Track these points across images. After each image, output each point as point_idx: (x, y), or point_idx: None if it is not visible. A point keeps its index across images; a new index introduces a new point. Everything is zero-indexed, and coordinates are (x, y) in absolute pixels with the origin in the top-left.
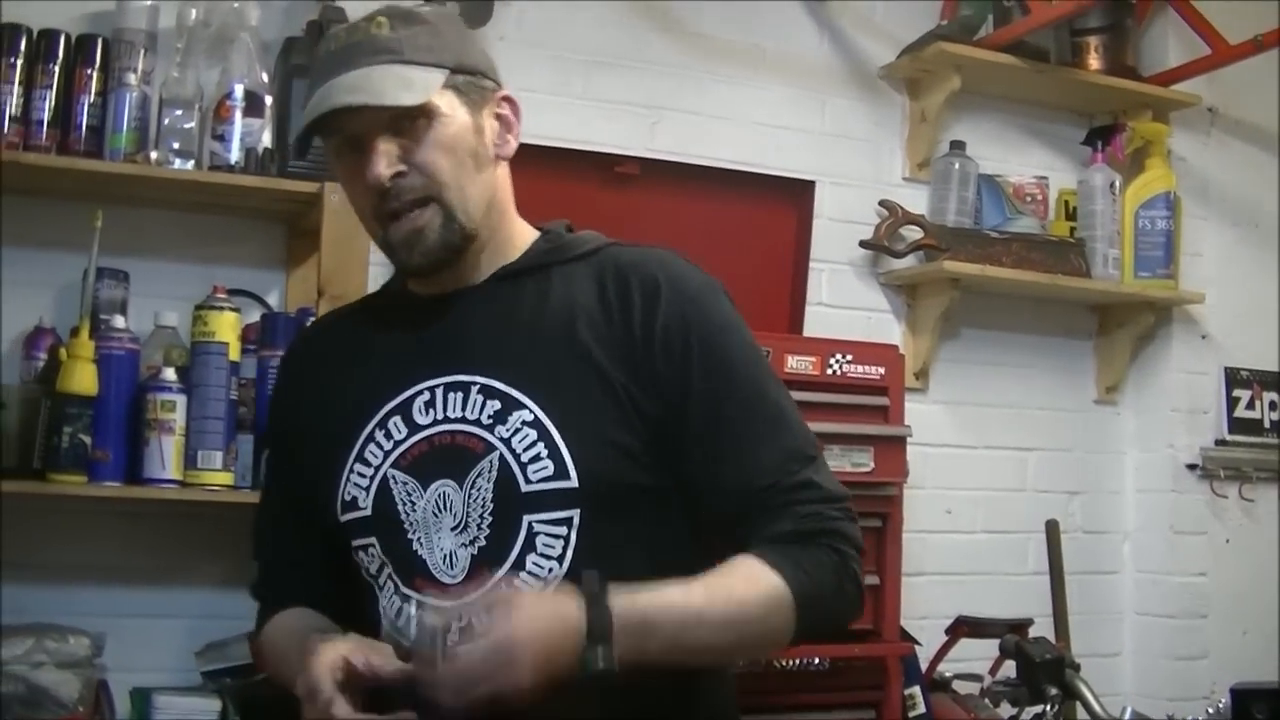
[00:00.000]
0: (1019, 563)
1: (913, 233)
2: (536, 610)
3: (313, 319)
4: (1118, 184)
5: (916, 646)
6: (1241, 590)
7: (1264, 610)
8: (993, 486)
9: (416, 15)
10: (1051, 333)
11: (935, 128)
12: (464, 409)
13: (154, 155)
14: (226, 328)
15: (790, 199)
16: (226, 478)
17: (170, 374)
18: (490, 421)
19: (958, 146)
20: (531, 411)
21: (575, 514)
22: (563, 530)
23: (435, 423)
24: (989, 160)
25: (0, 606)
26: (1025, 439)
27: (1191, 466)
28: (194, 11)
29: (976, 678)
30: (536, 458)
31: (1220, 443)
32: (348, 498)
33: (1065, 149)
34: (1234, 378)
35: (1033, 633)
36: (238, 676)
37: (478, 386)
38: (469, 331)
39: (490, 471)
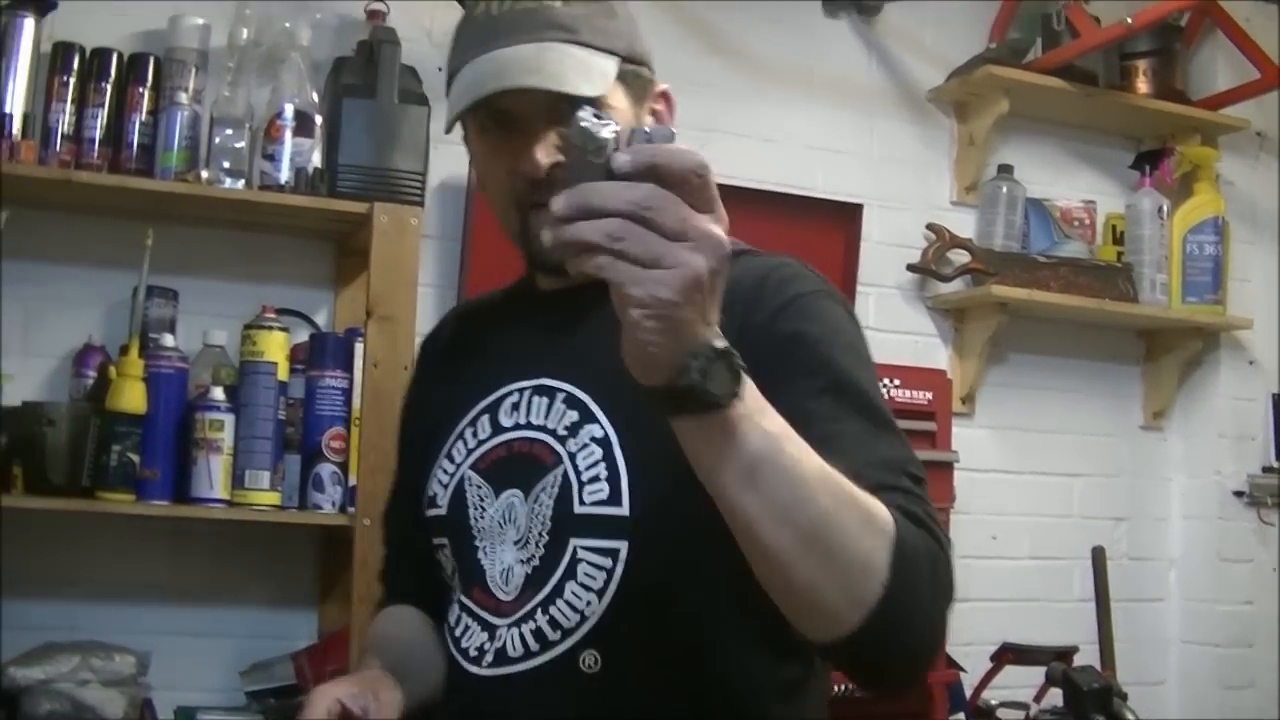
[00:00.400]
0: (1064, 589)
1: (960, 256)
2: None
3: (453, 309)
4: (1166, 208)
5: (961, 673)
6: None
7: None
8: (1038, 512)
9: None
10: (1098, 358)
11: (983, 151)
12: (546, 415)
13: (204, 174)
14: (275, 347)
15: (838, 222)
16: (274, 497)
17: (219, 393)
18: (564, 433)
19: (1006, 170)
20: (602, 427)
21: (623, 546)
22: (607, 562)
23: (517, 426)
24: (1037, 184)
25: (0, 621)
26: (1071, 464)
27: (1238, 493)
28: (245, 31)
29: (1021, 705)
30: (595, 478)
31: (1267, 469)
32: (430, 494)
33: (1113, 173)
34: None
35: (1078, 660)
36: (282, 697)
37: (563, 394)
38: (569, 334)
39: (553, 487)
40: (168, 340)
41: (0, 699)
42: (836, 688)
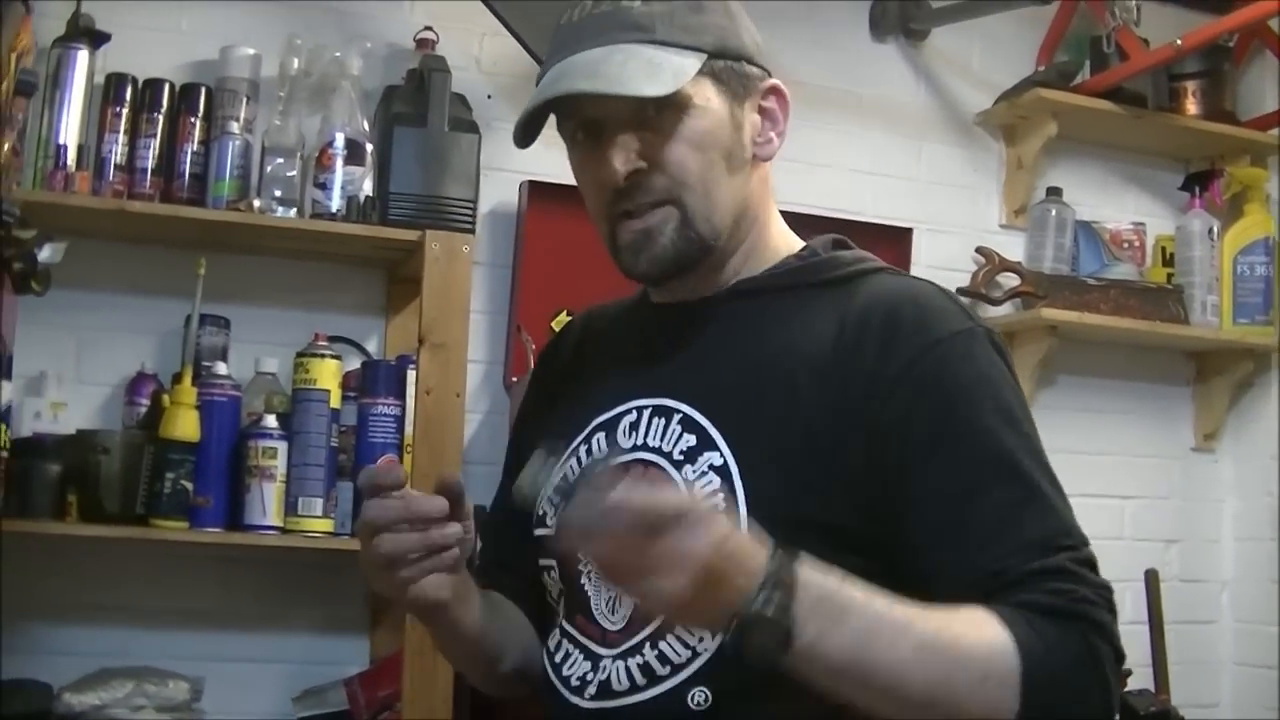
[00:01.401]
0: (1106, 606)
1: (1010, 280)
2: (724, 523)
3: (582, 313)
4: (1216, 230)
5: None
6: None
7: None
8: (1090, 534)
9: None
10: (1149, 380)
11: (1032, 174)
12: (662, 438)
13: (256, 203)
14: (327, 375)
15: (887, 246)
16: (327, 524)
17: (271, 421)
18: (681, 458)
19: (1054, 193)
20: (723, 456)
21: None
22: None
23: (635, 448)
24: (1086, 206)
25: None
26: (1122, 487)
27: None
28: (296, 61)
29: None
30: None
31: None
32: (540, 512)
33: (1163, 194)
34: None
35: (1131, 684)
36: None
37: (680, 415)
38: (687, 351)
39: None
40: (220, 368)
41: None
42: None
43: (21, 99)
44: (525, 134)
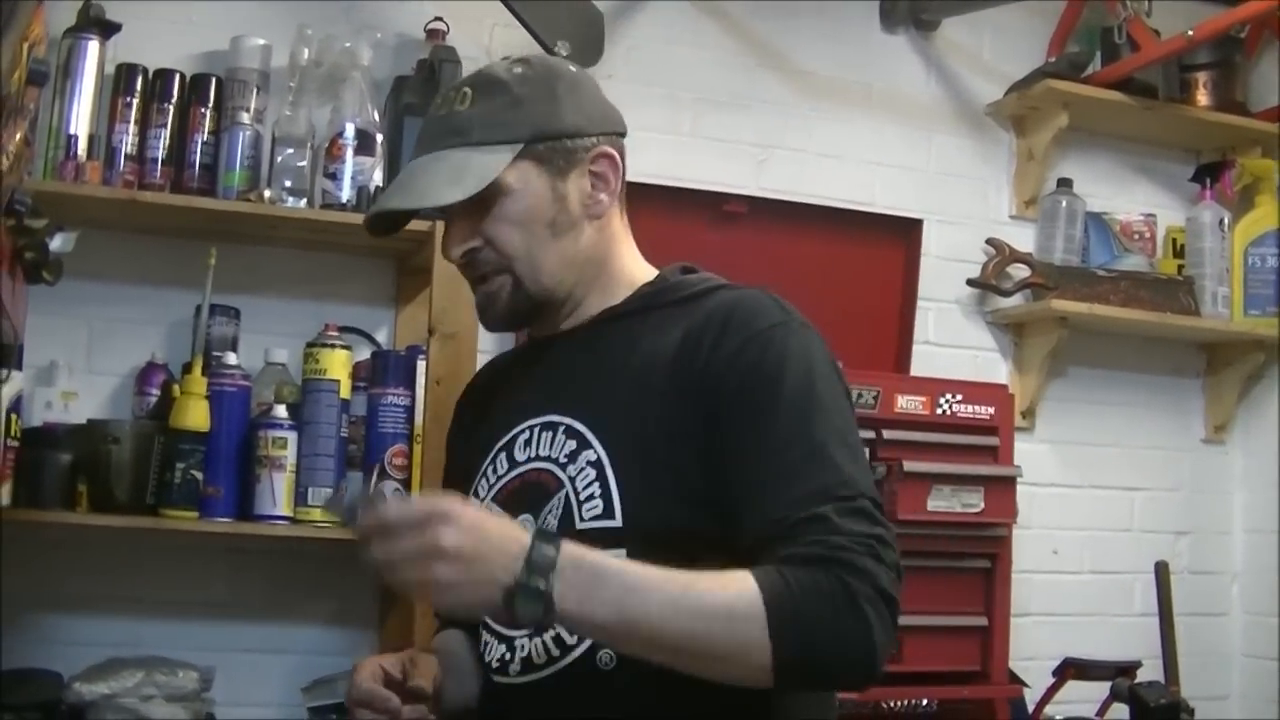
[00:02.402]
0: (1125, 604)
1: (1020, 271)
2: (485, 516)
3: (491, 360)
4: (1227, 221)
5: (1024, 689)
6: None
7: None
8: (1099, 526)
9: (502, 85)
10: (1159, 371)
11: (1042, 165)
12: (550, 447)
13: (266, 193)
14: (337, 365)
15: (897, 237)
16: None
17: (281, 411)
18: (565, 460)
19: (1065, 184)
20: (596, 452)
21: (620, 555)
22: None
23: (529, 460)
24: (1096, 198)
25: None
26: (1133, 478)
27: None
28: (306, 51)
29: None
30: (591, 497)
31: None
32: None
33: (1173, 186)
34: None
35: (1141, 675)
36: (343, 713)
37: (563, 426)
38: (566, 373)
39: (557, 508)
40: (230, 358)
41: (65, 713)
42: (901, 703)
43: (33, 89)
44: (375, 230)
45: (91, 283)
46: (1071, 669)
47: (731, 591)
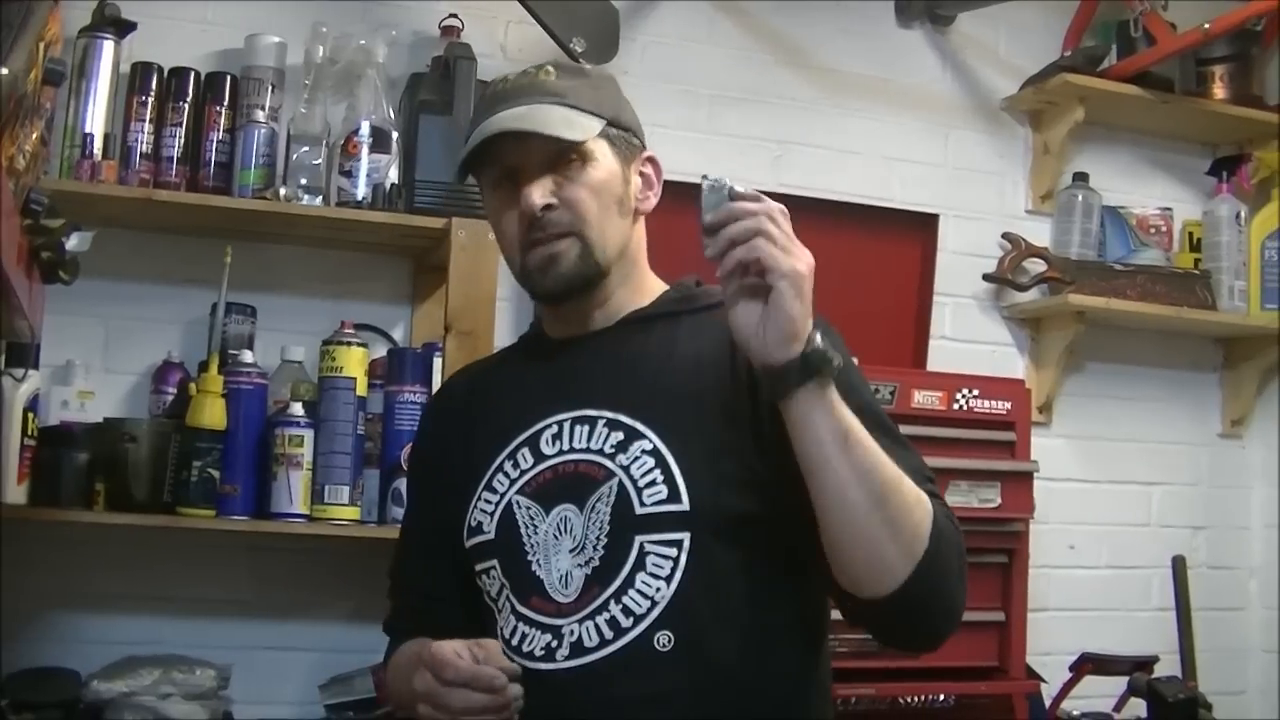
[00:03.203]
0: (1143, 599)
1: (1036, 266)
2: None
3: (459, 370)
4: (1244, 214)
5: (1041, 684)
6: None
7: None
8: (1117, 521)
9: (581, 70)
10: (1177, 366)
11: (1059, 159)
12: (589, 440)
13: (282, 191)
14: (354, 363)
15: (914, 232)
16: (353, 512)
17: (298, 409)
18: (612, 451)
19: (1081, 178)
20: (651, 442)
21: (686, 536)
22: (672, 552)
23: (561, 453)
24: (1113, 192)
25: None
26: (1150, 473)
27: None
28: (321, 49)
29: (1103, 716)
30: (652, 483)
31: None
32: (473, 524)
33: (1190, 180)
34: None
35: (1159, 670)
36: (361, 710)
37: (604, 420)
38: (598, 371)
39: (609, 496)
40: (247, 356)
41: (84, 711)
42: (920, 698)
43: (49, 88)
44: (461, 174)
45: (108, 282)
46: (1089, 664)
47: (914, 485)
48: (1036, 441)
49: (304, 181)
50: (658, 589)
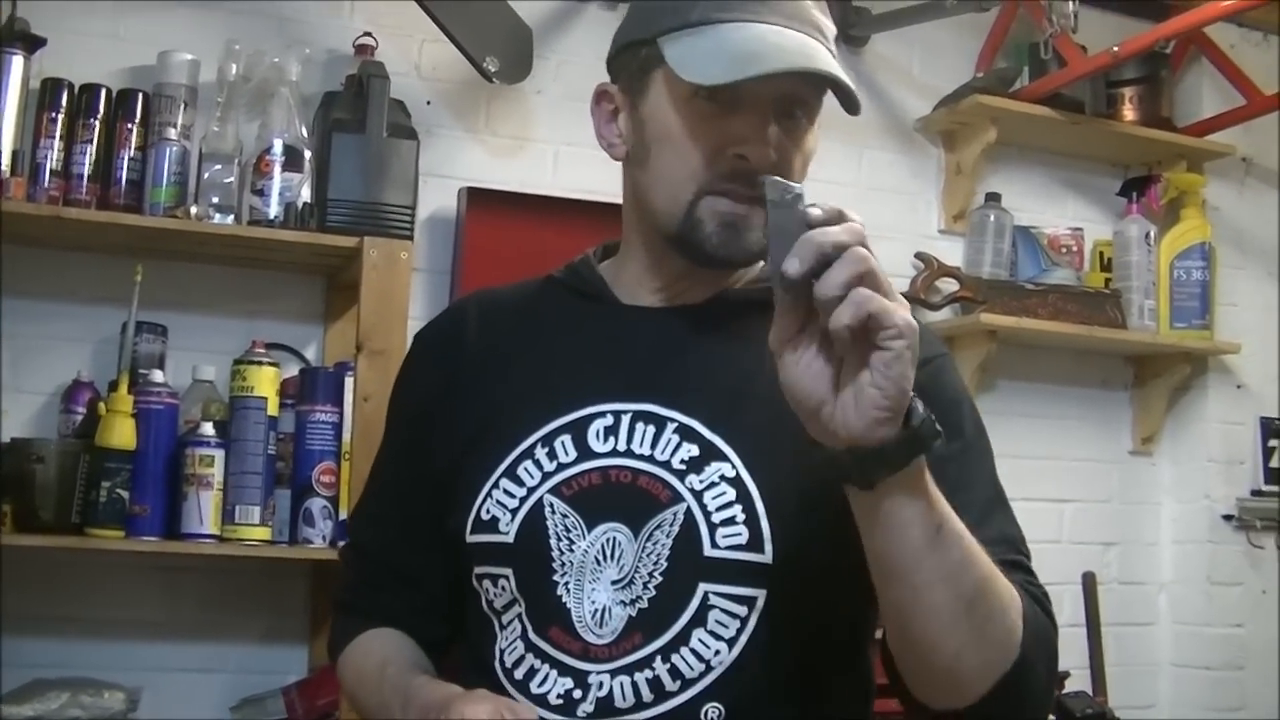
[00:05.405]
0: (1055, 614)
1: (949, 285)
2: None
3: (474, 291)
4: (1153, 235)
5: None
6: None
7: None
8: (1029, 538)
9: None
10: (1088, 384)
11: (971, 180)
12: (654, 446)
13: (194, 209)
14: (265, 382)
15: None
16: (264, 533)
17: (209, 429)
18: (683, 468)
19: (993, 198)
20: (734, 466)
21: (761, 595)
22: (742, 610)
23: (614, 454)
24: (1025, 212)
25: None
26: (1061, 490)
27: (1228, 517)
28: (234, 67)
29: None
30: (730, 520)
31: (1256, 493)
32: (485, 516)
33: (1101, 200)
34: (1270, 428)
35: (1069, 686)
36: None
37: (675, 424)
38: (676, 356)
39: (672, 525)
40: (157, 376)
41: None
42: None
43: None
44: (731, 71)
45: (16, 300)
46: None
47: (1007, 582)
48: None
49: (216, 200)
50: (717, 651)
